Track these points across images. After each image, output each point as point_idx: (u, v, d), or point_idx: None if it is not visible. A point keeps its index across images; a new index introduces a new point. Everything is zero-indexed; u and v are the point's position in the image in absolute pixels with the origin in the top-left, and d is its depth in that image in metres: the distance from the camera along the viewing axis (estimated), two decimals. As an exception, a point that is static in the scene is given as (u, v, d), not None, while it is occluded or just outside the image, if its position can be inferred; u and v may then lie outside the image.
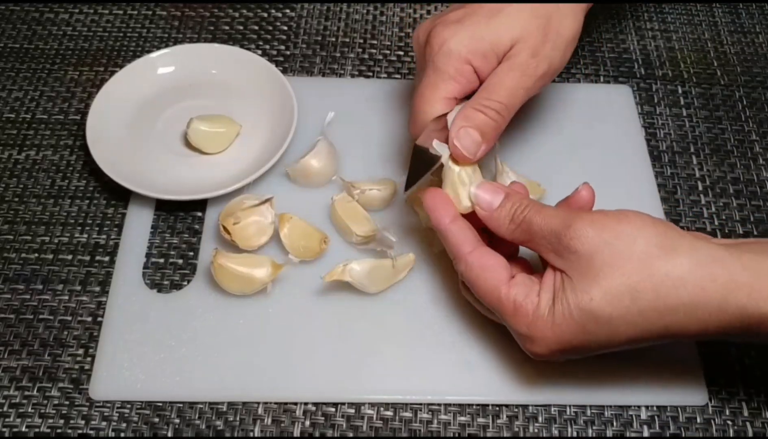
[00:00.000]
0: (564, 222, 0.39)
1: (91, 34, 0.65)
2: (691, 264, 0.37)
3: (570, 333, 0.39)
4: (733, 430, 0.46)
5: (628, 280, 0.38)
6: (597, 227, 0.39)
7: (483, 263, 0.42)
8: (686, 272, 0.37)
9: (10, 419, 0.45)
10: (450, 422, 0.46)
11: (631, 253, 0.38)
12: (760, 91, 0.63)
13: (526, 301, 0.40)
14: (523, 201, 0.42)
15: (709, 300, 0.37)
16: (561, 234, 0.39)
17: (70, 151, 0.57)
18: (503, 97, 0.46)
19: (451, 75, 0.46)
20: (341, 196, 0.51)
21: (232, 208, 0.50)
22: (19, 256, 0.52)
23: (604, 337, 0.39)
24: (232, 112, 0.57)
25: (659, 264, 0.37)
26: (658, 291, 0.37)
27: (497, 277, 0.41)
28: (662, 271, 0.37)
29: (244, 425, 0.45)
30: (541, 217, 0.40)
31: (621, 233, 0.38)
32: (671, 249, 0.38)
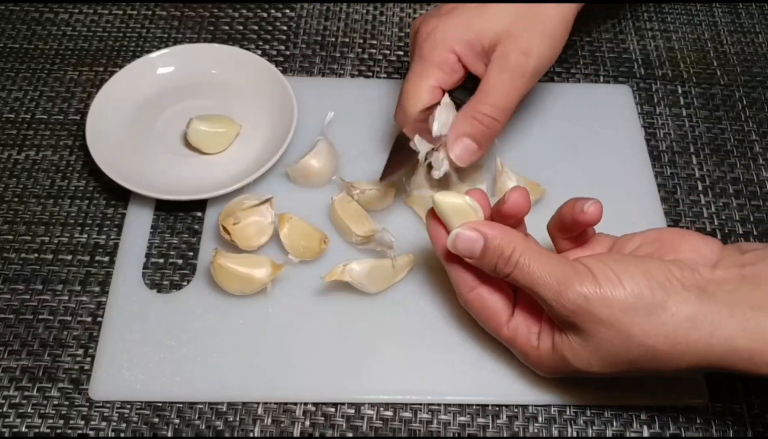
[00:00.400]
0: (563, 278, 0.38)
1: (90, 34, 0.65)
2: (692, 316, 0.37)
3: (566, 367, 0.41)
4: (733, 430, 0.46)
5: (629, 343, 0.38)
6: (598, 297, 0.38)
7: (481, 304, 0.43)
8: (682, 327, 0.37)
9: (10, 419, 0.45)
10: (450, 422, 0.46)
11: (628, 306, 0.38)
12: (760, 91, 0.63)
13: (526, 343, 0.42)
14: (505, 242, 0.40)
15: (711, 353, 0.37)
16: (559, 293, 0.38)
17: (69, 152, 0.57)
18: (498, 101, 0.46)
19: (436, 63, 0.47)
20: (341, 196, 0.51)
21: (232, 209, 0.50)
22: (18, 256, 0.52)
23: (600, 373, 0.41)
24: (231, 112, 0.57)
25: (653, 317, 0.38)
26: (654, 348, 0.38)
27: (496, 318, 0.43)
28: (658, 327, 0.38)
29: (243, 425, 0.45)
30: (537, 261, 0.39)
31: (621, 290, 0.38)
32: (670, 300, 0.38)
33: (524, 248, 0.40)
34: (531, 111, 0.59)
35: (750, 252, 0.39)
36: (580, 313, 0.38)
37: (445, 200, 0.41)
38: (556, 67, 0.64)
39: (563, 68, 0.64)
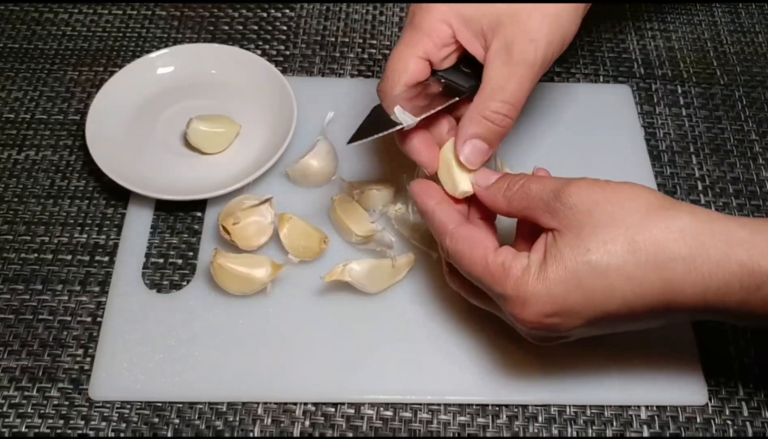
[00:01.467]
0: (562, 182, 0.39)
1: (90, 34, 0.65)
2: (690, 219, 0.37)
3: (563, 288, 0.37)
4: (733, 430, 0.46)
5: (627, 232, 0.37)
6: (596, 186, 0.38)
7: (468, 234, 0.41)
8: (686, 224, 0.36)
9: (10, 419, 0.45)
10: (450, 422, 0.45)
11: (631, 208, 0.37)
12: (760, 90, 0.63)
13: (514, 262, 0.39)
14: (518, 175, 0.42)
15: (708, 255, 0.36)
16: (560, 191, 0.38)
17: (69, 152, 0.57)
18: (508, 97, 0.43)
19: (426, 31, 0.44)
20: (341, 196, 0.51)
21: (232, 209, 0.50)
22: (18, 256, 0.52)
23: (600, 294, 0.37)
24: (231, 112, 0.57)
25: (658, 218, 0.37)
26: (657, 243, 0.36)
27: (483, 245, 0.40)
28: (661, 224, 0.37)
29: (243, 425, 0.45)
30: (539, 182, 0.40)
31: (620, 191, 0.38)
32: (670, 206, 0.37)
33: (524, 175, 0.41)
34: (531, 111, 0.59)
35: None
36: (581, 200, 0.38)
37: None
38: (556, 67, 0.64)
39: (563, 68, 0.64)
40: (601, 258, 0.37)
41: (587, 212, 0.38)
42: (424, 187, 0.44)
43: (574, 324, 0.38)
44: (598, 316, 0.38)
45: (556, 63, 0.63)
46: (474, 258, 0.40)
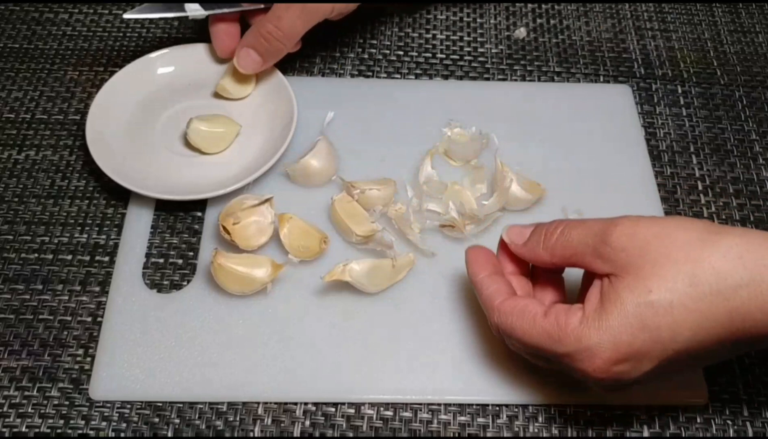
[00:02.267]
0: (605, 224, 0.38)
1: (90, 34, 0.65)
2: (745, 243, 0.36)
3: (628, 333, 0.36)
4: (733, 430, 0.46)
5: (685, 266, 0.35)
6: (642, 223, 0.37)
7: (515, 305, 0.40)
8: (743, 250, 0.35)
9: (10, 419, 0.45)
10: (450, 422, 0.46)
11: (684, 240, 0.36)
12: (760, 90, 0.63)
13: (569, 317, 0.37)
14: (553, 223, 0.41)
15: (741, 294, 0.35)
16: (606, 234, 0.37)
17: (69, 152, 0.57)
18: (284, 26, 0.53)
19: None
20: (341, 196, 0.51)
21: (232, 208, 0.50)
22: (18, 256, 0.52)
23: (667, 332, 0.36)
24: (231, 112, 0.57)
25: (714, 247, 0.36)
26: (717, 272, 0.35)
27: (532, 311, 0.39)
28: (717, 253, 0.36)
29: (244, 425, 0.45)
30: (579, 227, 0.39)
31: (668, 225, 0.37)
32: (722, 231, 0.36)
33: (563, 221, 0.41)
34: (531, 111, 0.59)
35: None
36: (625, 249, 0.37)
37: None
38: (556, 67, 0.64)
39: (563, 68, 0.64)
40: (663, 296, 0.35)
41: (640, 251, 0.36)
42: (476, 257, 0.43)
43: (645, 368, 0.37)
44: (667, 356, 0.36)
45: (556, 63, 0.64)
46: (525, 328, 0.39)
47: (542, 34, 0.66)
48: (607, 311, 0.36)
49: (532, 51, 0.65)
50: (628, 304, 0.36)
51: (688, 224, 0.37)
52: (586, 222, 0.39)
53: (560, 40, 0.66)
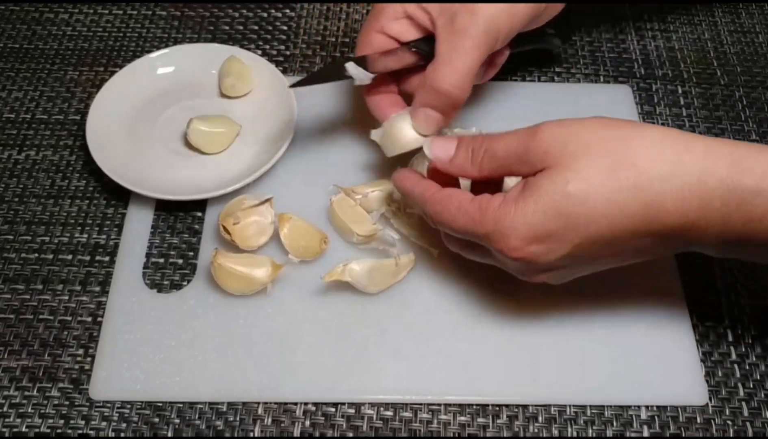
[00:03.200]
0: (527, 133, 0.39)
1: (91, 34, 0.65)
2: (665, 136, 0.37)
3: (542, 216, 0.38)
4: (733, 430, 0.46)
5: (604, 160, 0.37)
6: (563, 124, 0.38)
7: (444, 194, 0.42)
8: (665, 145, 0.36)
9: (10, 419, 0.45)
10: (450, 422, 0.46)
11: (606, 136, 0.37)
12: (760, 91, 0.63)
13: (491, 201, 0.39)
14: (477, 138, 0.42)
15: (687, 171, 0.36)
16: (529, 139, 0.39)
17: (70, 152, 0.57)
18: (451, 69, 0.45)
19: (381, 8, 0.49)
20: (339, 197, 0.51)
21: (232, 208, 0.50)
22: (19, 256, 0.52)
23: (583, 219, 0.37)
24: (231, 112, 0.57)
25: (633, 141, 0.37)
26: (635, 164, 0.36)
27: (458, 198, 0.41)
28: (638, 147, 0.37)
29: (244, 425, 0.45)
30: (502, 141, 0.40)
31: (590, 123, 0.38)
32: (641, 127, 0.37)
33: (486, 135, 0.41)
34: (531, 111, 0.59)
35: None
36: (556, 142, 0.37)
37: None
38: (556, 67, 0.64)
39: (563, 68, 0.64)
40: (580, 186, 0.37)
41: (561, 147, 0.38)
42: (402, 175, 0.45)
43: (561, 252, 0.38)
44: (581, 242, 0.38)
45: (556, 63, 0.64)
46: (451, 211, 0.41)
47: (542, 34, 0.66)
48: (525, 197, 0.38)
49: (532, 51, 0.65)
50: (544, 192, 0.37)
51: (610, 122, 0.38)
52: (508, 133, 0.40)
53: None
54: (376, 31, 0.49)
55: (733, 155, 0.36)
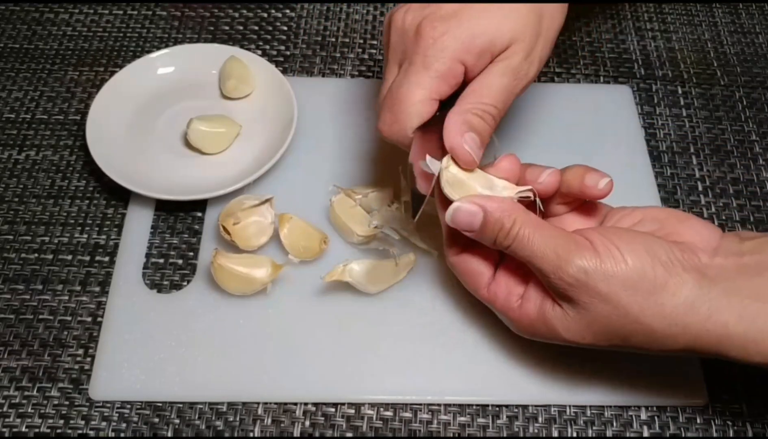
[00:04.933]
0: (557, 258, 0.38)
1: (91, 34, 0.65)
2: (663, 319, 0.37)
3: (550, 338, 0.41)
4: (733, 430, 0.46)
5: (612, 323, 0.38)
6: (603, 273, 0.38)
7: (464, 267, 0.43)
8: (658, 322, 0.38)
9: (10, 419, 0.45)
10: (450, 422, 0.46)
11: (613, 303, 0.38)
12: (760, 91, 0.63)
13: (505, 303, 0.42)
14: (504, 225, 0.39)
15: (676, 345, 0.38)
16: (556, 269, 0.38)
17: (70, 152, 0.57)
18: (498, 102, 0.43)
19: (443, 73, 0.42)
20: (339, 198, 0.51)
21: (232, 209, 0.50)
22: (19, 256, 0.52)
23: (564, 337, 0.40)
24: (231, 112, 0.57)
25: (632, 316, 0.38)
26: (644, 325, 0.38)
27: (477, 280, 0.43)
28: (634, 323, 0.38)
29: (244, 425, 0.45)
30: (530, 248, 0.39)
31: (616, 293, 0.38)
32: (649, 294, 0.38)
33: (525, 220, 0.39)
34: (531, 111, 0.59)
35: (749, 240, 0.39)
36: (578, 286, 0.38)
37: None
38: (556, 68, 0.64)
39: (563, 68, 0.64)
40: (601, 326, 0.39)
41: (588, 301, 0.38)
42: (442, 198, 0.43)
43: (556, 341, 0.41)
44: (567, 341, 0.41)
45: (556, 63, 0.64)
46: (469, 286, 0.44)
47: (542, 34, 0.66)
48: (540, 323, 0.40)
49: (532, 51, 0.65)
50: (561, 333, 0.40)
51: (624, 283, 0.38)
52: (543, 231, 0.39)
53: (560, 40, 0.66)
54: (432, 99, 0.43)
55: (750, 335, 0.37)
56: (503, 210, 0.39)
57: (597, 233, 0.39)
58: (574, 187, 0.42)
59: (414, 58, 0.43)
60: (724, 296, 0.37)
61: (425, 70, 0.42)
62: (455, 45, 0.42)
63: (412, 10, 0.44)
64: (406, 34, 0.44)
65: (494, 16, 0.43)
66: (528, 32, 0.43)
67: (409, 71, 0.43)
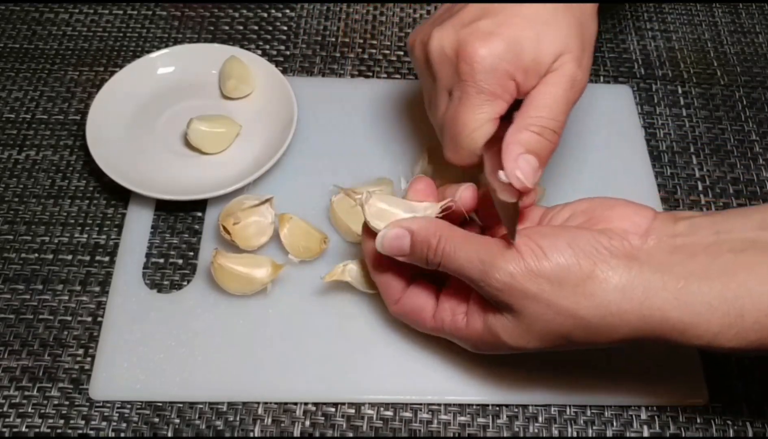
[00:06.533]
0: (482, 265, 0.38)
1: (91, 34, 0.65)
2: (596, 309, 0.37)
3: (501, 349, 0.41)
4: (733, 430, 0.46)
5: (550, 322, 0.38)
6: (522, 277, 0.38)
7: (406, 310, 0.43)
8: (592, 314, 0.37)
9: (10, 419, 0.45)
10: (450, 422, 0.46)
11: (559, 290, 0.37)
12: (760, 91, 0.63)
13: (452, 324, 0.42)
14: (431, 243, 0.39)
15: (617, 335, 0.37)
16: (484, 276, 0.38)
17: (70, 152, 0.57)
18: (558, 113, 0.43)
19: (498, 94, 0.42)
20: (340, 197, 0.51)
21: (232, 209, 0.50)
22: (19, 256, 0.52)
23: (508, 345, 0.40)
24: (231, 112, 0.57)
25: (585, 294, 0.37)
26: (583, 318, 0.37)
27: (422, 316, 0.43)
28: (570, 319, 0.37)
29: (244, 425, 0.45)
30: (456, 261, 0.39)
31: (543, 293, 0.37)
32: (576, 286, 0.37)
33: (448, 235, 0.39)
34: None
35: (683, 221, 0.39)
36: (507, 290, 0.37)
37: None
38: (556, 67, 0.64)
39: (563, 68, 0.64)
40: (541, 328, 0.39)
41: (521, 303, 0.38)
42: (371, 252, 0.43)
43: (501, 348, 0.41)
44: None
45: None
46: (418, 326, 0.44)
47: (542, 34, 0.66)
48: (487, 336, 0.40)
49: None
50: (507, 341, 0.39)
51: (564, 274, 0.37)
52: (466, 243, 0.39)
53: (560, 40, 0.66)
54: (494, 119, 0.43)
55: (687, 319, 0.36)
56: (427, 229, 0.40)
57: (520, 235, 0.38)
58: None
59: (464, 86, 0.42)
60: (658, 277, 0.36)
61: (479, 95, 0.42)
62: (503, 64, 0.42)
63: (445, 31, 0.43)
64: (449, 60, 0.43)
65: (534, 27, 0.42)
66: (573, 41, 0.43)
67: (463, 99, 0.43)
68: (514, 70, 0.42)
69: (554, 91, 0.43)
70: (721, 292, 0.35)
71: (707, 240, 0.37)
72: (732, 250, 0.36)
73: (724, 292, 0.35)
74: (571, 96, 0.43)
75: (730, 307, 0.35)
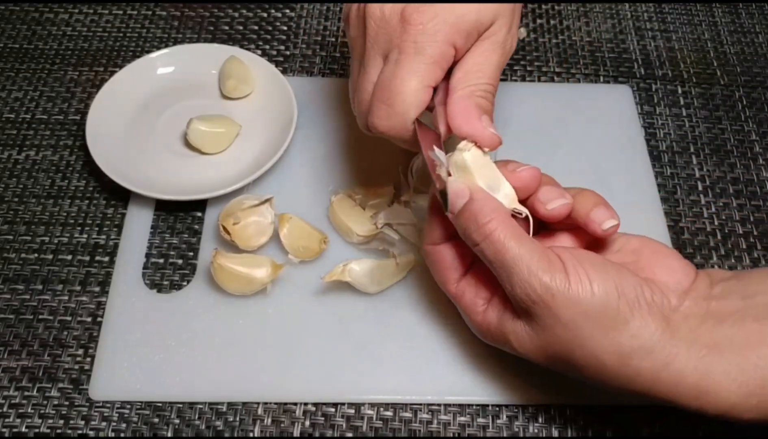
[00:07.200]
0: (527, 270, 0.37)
1: (90, 34, 0.65)
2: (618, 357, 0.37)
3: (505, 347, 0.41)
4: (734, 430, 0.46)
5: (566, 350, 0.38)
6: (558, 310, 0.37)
7: (436, 258, 0.43)
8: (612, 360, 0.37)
9: (10, 419, 0.45)
10: (450, 422, 0.46)
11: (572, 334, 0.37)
12: (760, 91, 0.63)
13: (471, 304, 0.42)
14: (479, 219, 0.38)
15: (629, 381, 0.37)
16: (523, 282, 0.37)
17: (69, 152, 0.57)
18: (494, 79, 0.42)
19: (437, 59, 0.41)
20: (339, 197, 0.51)
21: (232, 209, 0.50)
22: (18, 256, 0.52)
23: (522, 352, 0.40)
24: (231, 112, 0.57)
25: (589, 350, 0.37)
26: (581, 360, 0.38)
27: (446, 273, 0.43)
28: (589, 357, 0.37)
29: (244, 425, 0.45)
30: (503, 252, 0.38)
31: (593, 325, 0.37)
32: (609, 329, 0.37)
33: (503, 221, 0.38)
34: (531, 111, 0.59)
35: (719, 284, 0.39)
36: (542, 306, 0.37)
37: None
38: (556, 68, 0.64)
39: (563, 68, 0.64)
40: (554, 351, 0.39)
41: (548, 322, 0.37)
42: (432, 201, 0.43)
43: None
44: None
45: (556, 63, 0.64)
46: (438, 278, 0.44)
47: (542, 34, 0.66)
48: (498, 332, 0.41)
49: (532, 51, 0.65)
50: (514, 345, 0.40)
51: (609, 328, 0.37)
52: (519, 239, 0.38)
53: (560, 40, 0.66)
54: (429, 86, 0.42)
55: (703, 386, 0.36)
56: (486, 205, 0.38)
57: (569, 255, 0.38)
58: (580, 217, 0.41)
59: (404, 46, 0.41)
60: (684, 344, 0.36)
61: (418, 57, 0.41)
62: (446, 28, 0.40)
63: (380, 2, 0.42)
64: (388, 23, 0.42)
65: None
66: (505, 7, 0.42)
67: (401, 60, 0.41)
68: (456, 36, 0.41)
69: (491, 57, 0.42)
70: (740, 364, 0.36)
71: (735, 305, 0.37)
72: (756, 318, 0.36)
73: (743, 363, 0.35)
74: (503, 62, 0.43)
75: (749, 377, 0.35)
